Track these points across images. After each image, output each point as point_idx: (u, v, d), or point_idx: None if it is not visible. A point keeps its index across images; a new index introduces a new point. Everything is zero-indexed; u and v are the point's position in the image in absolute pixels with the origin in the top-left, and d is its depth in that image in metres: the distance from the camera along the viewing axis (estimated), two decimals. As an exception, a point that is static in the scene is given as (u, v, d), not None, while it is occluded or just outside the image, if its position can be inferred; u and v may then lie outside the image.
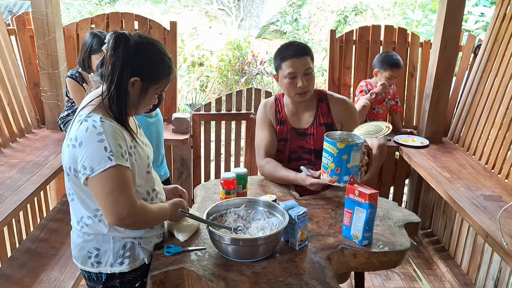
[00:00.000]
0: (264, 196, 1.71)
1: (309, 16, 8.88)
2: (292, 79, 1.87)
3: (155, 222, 1.42)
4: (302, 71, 1.85)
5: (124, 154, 1.26)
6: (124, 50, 1.26)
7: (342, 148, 1.59)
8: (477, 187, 2.32)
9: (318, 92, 2.01)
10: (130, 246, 1.38)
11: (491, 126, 2.68)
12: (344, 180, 1.63)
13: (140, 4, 9.37)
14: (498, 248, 1.80)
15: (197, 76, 7.06)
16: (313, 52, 1.95)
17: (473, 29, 5.95)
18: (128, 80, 1.28)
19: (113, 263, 1.37)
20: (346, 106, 2.00)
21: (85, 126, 1.25)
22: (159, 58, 1.33)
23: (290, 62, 1.85)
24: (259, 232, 1.43)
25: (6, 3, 6.45)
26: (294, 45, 1.90)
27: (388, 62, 2.93)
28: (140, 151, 1.37)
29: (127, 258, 1.37)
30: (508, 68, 2.65)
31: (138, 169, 1.35)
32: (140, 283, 1.43)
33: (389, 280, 2.68)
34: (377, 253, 1.45)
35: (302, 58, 1.86)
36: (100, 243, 1.36)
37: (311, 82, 1.89)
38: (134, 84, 1.30)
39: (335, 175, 1.63)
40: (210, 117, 3.24)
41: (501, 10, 2.85)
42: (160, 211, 1.40)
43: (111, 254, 1.37)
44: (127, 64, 1.26)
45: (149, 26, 3.13)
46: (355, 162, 1.62)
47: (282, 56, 1.89)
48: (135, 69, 1.28)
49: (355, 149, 1.60)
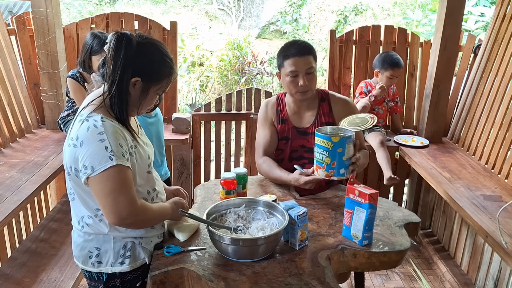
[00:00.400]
0: (264, 196, 1.71)
1: (309, 16, 8.89)
2: (293, 77, 1.87)
3: (155, 221, 1.42)
4: (304, 70, 1.86)
5: (125, 154, 1.26)
6: (125, 51, 1.26)
7: (337, 141, 1.61)
8: (477, 187, 2.33)
9: (320, 92, 2.02)
10: (131, 246, 1.38)
11: (491, 126, 2.68)
12: (340, 173, 1.65)
13: (140, 4, 9.37)
14: (498, 248, 1.80)
15: (197, 76, 7.06)
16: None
17: (473, 29, 5.95)
18: (130, 80, 1.28)
19: (114, 263, 1.37)
20: (348, 106, 2.01)
21: (86, 125, 1.25)
22: (161, 59, 1.33)
23: (292, 61, 1.86)
24: (259, 232, 1.43)
25: (6, 3, 6.45)
26: (297, 44, 1.91)
27: (388, 62, 2.92)
28: (141, 151, 1.37)
29: (128, 258, 1.37)
30: (508, 68, 2.66)
31: (139, 168, 1.35)
32: (140, 282, 1.43)
33: (389, 280, 2.68)
34: (377, 253, 1.45)
35: (304, 57, 1.86)
36: (100, 243, 1.37)
37: (312, 81, 1.90)
38: (135, 84, 1.30)
39: (332, 169, 1.64)
40: (210, 117, 3.24)
41: (501, 10, 2.85)
42: (161, 210, 1.41)
43: (112, 254, 1.37)
44: (129, 65, 1.27)
45: (149, 26, 3.13)
46: (349, 154, 1.64)
47: (285, 54, 1.89)
48: (136, 70, 1.28)
49: (349, 141, 1.63)
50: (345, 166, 1.64)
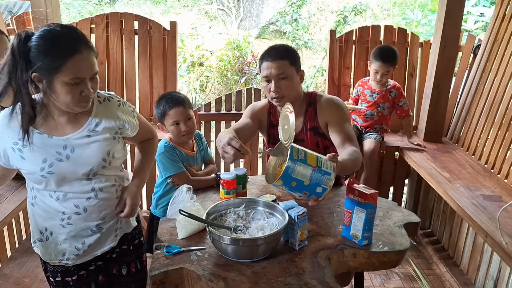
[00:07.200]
0: (264, 196, 1.71)
1: (308, 16, 8.89)
2: (267, 82, 1.81)
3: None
4: (275, 75, 1.77)
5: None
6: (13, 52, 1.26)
7: (281, 184, 1.40)
8: (477, 187, 2.33)
9: (308, 96, 1.93)
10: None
11: (491, 126, 2.68)
12: (319, 192, 1.42)
13: (140, 4, 9.37)
14: (497, 248, 1.80)
15: (196, 76, 7.06)
16: (298, 55, 1.85)
17: (472, 29, 5.96)
18: (25, 78, 1.25)
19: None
20: (331, 104, 1.88)
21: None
22: (43, 46, 1.24)
23: (265, 65, 1.79)
24: (258, 232, 1.43)
25: (6, 3, 6.45)
26: (274, 48, 1.82)
27: (374, 54, 2.81)
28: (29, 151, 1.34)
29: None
30: (507, 68, 2.66)
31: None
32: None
33: (389, 280, 2.68)
34: (376, 253, 1.45)
35: (276, 61, 1.76)
36: None
37: (287, 87, 1.79)
38: (39, 80, 1.26)
39: (310, 195, 1.43)
40: (210, 117, 3.24)
41: (500, 10, 2.86)
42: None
43: None
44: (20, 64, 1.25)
45: (149, 26, 3.13)
46: (307, 174, 1.38)
47: (261, 58, 1.84)
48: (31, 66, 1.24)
49: (291, 170, 1.36)
50: (315, 185, 1.40)
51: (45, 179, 1.35)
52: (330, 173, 1.41)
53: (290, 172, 1.37)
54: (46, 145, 1.34)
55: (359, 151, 1.74)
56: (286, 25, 8.49)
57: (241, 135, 1.77)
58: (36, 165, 1.33)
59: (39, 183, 1.38)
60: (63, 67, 1.22)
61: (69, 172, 1.37)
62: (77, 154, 1.37)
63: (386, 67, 2.81)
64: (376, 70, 2.84)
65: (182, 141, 2.03)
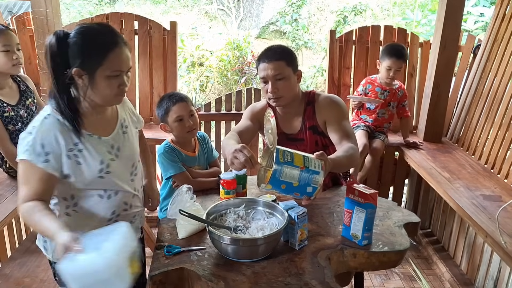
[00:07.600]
0: (264, 196, 1.71)
1: (308, 16, 8.89)
2: (264, 83, 1.83)
3: (35, 229, 1.33)
4: (272, 76, 1.78)
5: (43, 154, 1.26)
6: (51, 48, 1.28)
7: (270, 188, 1.42)
8: (477, 187, 2.33)
9: (306, 95, 1.93)
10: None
11: (491, 126, 2.68)
12: (309, 192, 1.43)
13: (140, 4, 9.38)
14: (497, 248, 1.81)
15: (197, 76, 7.06)
16: (295, 56, 1.86)
17: (472, 29, 5.96)
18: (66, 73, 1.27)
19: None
20: (329, 102, 1.90)
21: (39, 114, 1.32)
22: (87, 41, 1.28)
23: (262, 66, 1.80)
24: (258, 232, 1.44)
25: (6, 3, 6.46)
26: (271, 49, 1.83)
27: (388, 51, 2.83)
28: (87, 154, 1.33)
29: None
30: (507, 68, 2.66)
31: (78, 170, 1.33)
32: None
33: (388, 280, 2.68)
34: (376, 253, 1.45)
35: (273, 62, 1.77)
36: None
37: (285, 88, 1.80)
38: (79, 75, 1.28)
39: (303, 195, 1.45)
40: (210, 117, 3.24)
41: (500, 10, 2.86)
42: (41, 226, 1.25)
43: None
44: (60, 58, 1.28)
45: (149, 26, 3.13)
46: (294, 175, 1.38)
47: (258, 59, 1.85)
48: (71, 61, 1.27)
49: (278, 174, 1.38)
50: (305, 185, 1.40)
51: (102, 180, 1.36)
52: (318, 172, 1.42)
53: (278, 175, 1.38)
54: (98, 145, 1.36)
55: (356, 147, 1.75)
56: (286, 25, 8.49)
57: (243, 137, 1.82)
58: (94, 167, 1.34)
59: (91, 186, 1.36)
60: (105, 60, 1.26)
61: (120, 170, 1.41)
62: (122, 152, 1.43)
63: (399, 63, 2.84)
64: (389, 67, 2.84)
65: (186, 140, 2.03)
